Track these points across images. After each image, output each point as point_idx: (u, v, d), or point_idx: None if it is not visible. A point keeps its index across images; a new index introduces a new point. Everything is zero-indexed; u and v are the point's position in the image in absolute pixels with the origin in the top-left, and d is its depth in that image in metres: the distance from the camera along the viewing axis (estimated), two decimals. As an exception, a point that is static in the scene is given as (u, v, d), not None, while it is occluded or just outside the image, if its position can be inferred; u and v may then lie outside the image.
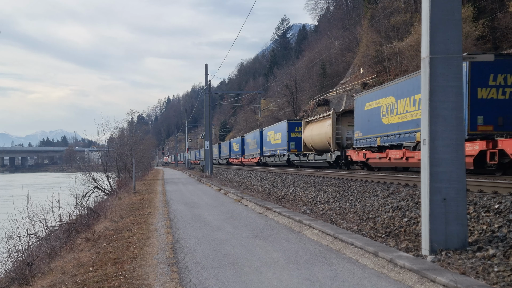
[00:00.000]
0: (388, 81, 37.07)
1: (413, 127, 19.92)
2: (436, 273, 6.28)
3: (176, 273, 7.47)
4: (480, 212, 9.02)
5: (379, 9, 52.68)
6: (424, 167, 7.71)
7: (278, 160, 43.81)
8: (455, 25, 7.67)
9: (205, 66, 43.21)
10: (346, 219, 12.09)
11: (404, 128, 20.85)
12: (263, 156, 49.54)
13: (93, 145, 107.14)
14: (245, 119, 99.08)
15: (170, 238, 10.69)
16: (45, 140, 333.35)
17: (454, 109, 7.61)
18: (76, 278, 7.84)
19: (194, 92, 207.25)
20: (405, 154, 20.79)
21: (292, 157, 40.18)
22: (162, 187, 29.48)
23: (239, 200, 18.68)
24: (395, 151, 21.78)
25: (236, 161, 65.02)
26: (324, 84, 66.68)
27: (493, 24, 37.94)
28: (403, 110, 21.04)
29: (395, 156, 21.79)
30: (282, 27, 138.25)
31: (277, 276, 7.16)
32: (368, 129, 25.16)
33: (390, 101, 22.43)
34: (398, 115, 21.55)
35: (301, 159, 37.80)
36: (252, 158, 53.70)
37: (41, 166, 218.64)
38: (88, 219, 17.09)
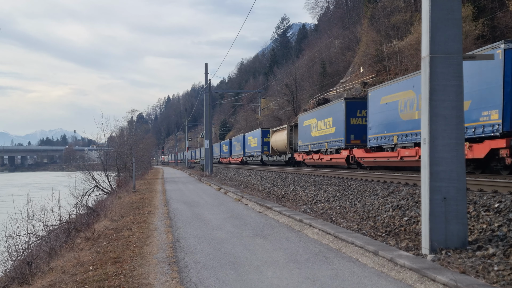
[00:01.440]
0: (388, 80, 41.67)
1: (325, 140, 31.53)
2: (436, 272, 6.29)
3: (176, 272, 7.48)
4: (480, 211, 9.02)
5: (379, 8, 52.66)
6: (424, 166, 7.71)
7: (255, 159, 53.57)
8: (455, 24, 7.67)
9: (205, 65, 43.23)
10: (346, 218, 12.10)
11: (321, 140, 32.46)
12: (245, 156, 58.98)
13: (93, 144, 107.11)
14: (245, 118, 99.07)
15: (170, 237, 10.69)
16: (45, 139, 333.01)
17: (454, 108, 7.61)
18: (76, 277, 7.84)
19: (194, 91, 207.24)
20: (320, 156, 32.61)
21: (263, 157, 50.06)
22: (162, 186, 29.48)
23: (239, 199, 18.68)
24: (316, 154, 33.53)
25: (225, 160, 74.65)
26: (324, 83, 66.66)
27: (493, 23, 37.92)
28: (320, 128, 32.73)
29: (317, 157, 33.32)
30: (282, 26, 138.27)
31: (277, 275, 7.16)
32: (304, 139, 36.61)
33: (314, 121, 34.23)
34: (318, 131, 33.32)
35: (269, 159, 48.33)
36: (238, 158, 63.76)
37: (41, 165, 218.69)
38: (88, 218, 17.10)
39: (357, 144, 27.62)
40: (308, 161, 35.73)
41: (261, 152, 50.15)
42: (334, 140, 29.71)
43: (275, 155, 46.06)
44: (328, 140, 30.86)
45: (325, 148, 31.32)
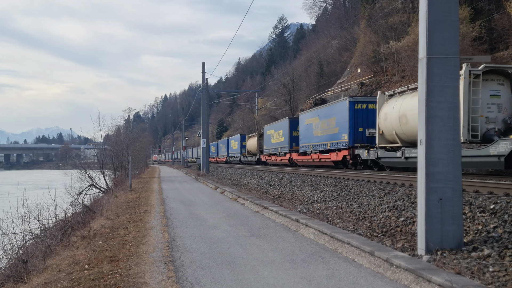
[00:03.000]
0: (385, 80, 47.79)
1: (278, 146, 42.81)
2: (432, 272, 6.30)
3: (172, 271, 7.47)
4: (475, 213, 9.05)
5: (377, 9, 52.73)
6: (420, 167, 7.73)
7: (236, 159, 63.74)
8: (452, 25, 7.69)
9: (202, 64, 43.16)
10: (342, 218, 12.11)
11: (276, 146, 43.56)
12: (228, 156, 69.37)
13: (89, 143, 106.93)
14: (242, 118, 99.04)
15: (167, 236, 10.69)
16: (41, 137, 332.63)
17: (451, 110, 7.63)
18: (71, 275, 7.83)
19: (191, 90, 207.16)
20: (275, 157, 44.40)
21: (242, 158, 60.00)
22: (159, 185, 29.45)
23: (235, 198, 18.69)
24: (274, 156, 45.12)
25: (213, 160, 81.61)
26: (321, 83, 66.73)
27: (490, 25, 38.05)
28: (275, 137, 43.82)
29: (274, 158, 45.11)
30: (280, 26, 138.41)
31: (273, 275, 7.17)
32: (267, 144, 47.56)
33: (272, 132, 45.35)
34: (274, 139, 44.13)
35: (245, 159, 58.75)
36: (223, 158, 74.46)
37: (37, 163, 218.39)
38: (84, 217, 17.07)
39: (296, 150, 37.94)
40: (269, 161, 47.37)
41: (240, 154, 60.26)
42: (283, 146, 41.32)
43: (249, 156, 57.11)
44: (280, 146, 42.35)
45: (279, 152, 42.99)
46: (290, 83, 76.60)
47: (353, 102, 27.07)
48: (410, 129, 20.07)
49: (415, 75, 33.30)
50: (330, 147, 29.74)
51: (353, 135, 26.65)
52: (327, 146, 30.22)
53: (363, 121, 26.58)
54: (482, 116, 16.83)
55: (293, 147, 38.43)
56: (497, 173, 18.19)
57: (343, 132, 27.45)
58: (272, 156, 45.39)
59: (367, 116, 26.40)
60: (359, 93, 50.17)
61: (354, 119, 26.74)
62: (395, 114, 21.28)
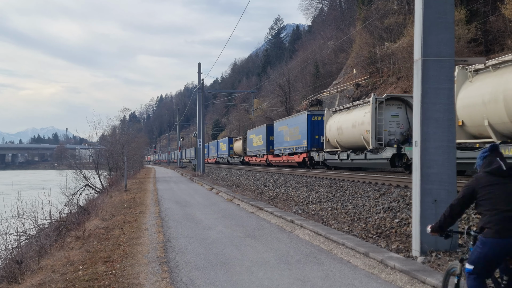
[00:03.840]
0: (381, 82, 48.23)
1: (258, 148, 49.30)
2: (426, 274, 6.32)
3: (167, 272, 7.46)
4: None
5: (373, 10, 52.80)
6: (415, 168, 7.74)
7: (224, 160, 69.85)
8: (447, 27, 7.70)
9: (198, 65, 43.19)
10: (337, 219, 12.12)
11: (256, 148, 50.24)
12: (218, 157, 74.53)
13: (85, 143, 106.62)
14: (238, 118, 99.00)
15: (161, 237, 10.67)
16: (36, 137, 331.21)
17: (446, 111, 7.64)
18: (66, 276, 7.80)
19: (187, 91, 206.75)
20: (256, 159, 50.50)
21: (229, 158, 66.17)
22: (154, 185, 29.41)
23: (231, 199, 18.68)
24: (254, 157, 51.34)
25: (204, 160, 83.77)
26: (317, 84, 66.77)
27: (485, 27, 38.13)
28: (256, 141, 50.21)
29: (254, 159, 51.45)
30: (276, 27, 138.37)
31: (268, 276, 7.16)
32: (250, 147, 53.89)
33: (254, 136, 51.74)
34: (255, 143, 50.81)
35: (232, 159, 64.77)
36: (213, 159, 79.20)
37: (32, 163, 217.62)
38: (79, 217, 17.00)
39: (271, 152, 44.08)
40: (251, 161, 53.40)
41: (228, 155, 66.39)
42: (262, 149, 47.56)
43: (235, 157, 62.85)
44: (259, 149, 48.59)
45: (258, 154, 49.32)
46: (286, 84, 76.64)
47: (310, 115, 34.07)
48: (345, 138, 26.81)
49: (411, 77, 33.39)
50: (295, 151, 36.19)
51: (310, 141, 33.20)
52: (293, 150, 36.75)
53: (319, 130, 32.22)
54: (386, 130, 23.57)
55: (270, 150, 44.64)
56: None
57: (303, 138, 34.06)
58: (253, 157, 51.94)
59: (322, 126, 31.04)
60: (355, 94, 50.22)
61: (311, 128, 33.21)
62: (335, 126, 27.80)
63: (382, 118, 23.31)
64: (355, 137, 25.32)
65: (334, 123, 28.05)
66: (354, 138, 25.50)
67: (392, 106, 23.90)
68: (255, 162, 50.75)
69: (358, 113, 25.26)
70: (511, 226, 4.23)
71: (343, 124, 26.70)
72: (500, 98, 14.91)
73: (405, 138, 23.35)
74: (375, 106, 23.33)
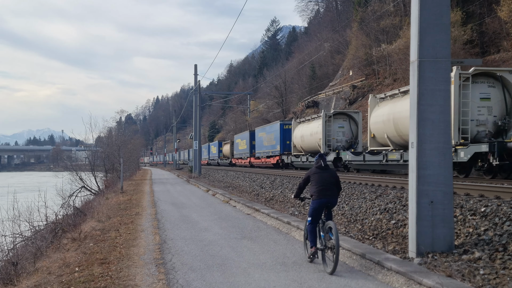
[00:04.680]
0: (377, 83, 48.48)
1: (243, 151, 53.49)
2: (423, 275, 6.32)
3: (163, 274, 7.44)
4: (466, 215, 9.07)
5: (369, 12, 52.92)
6: (412, 169, 7.74)
7: (215, 161, 74.34)
8: (443, 29, 7.71)
9: (194, 67, 43.10)
10: (334, 221, 12.11)
11: (241, 151, 54.85)
12: (209, 159, 78.85)
13: (81, 145, 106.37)
14: (235, 120, 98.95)
15: (158, 238, 10.65)
16: (32, 139, 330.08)
17: (442, 113, 7.65)
18: (62, 278, 7.78)
19: (183, 92, 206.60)
20: (241, 161, 55.07)
21: (219, 160, 70.42)
22: (150, 187, 29.36)
23: (227, 201, 18.66)
24: (240, 159, 56.06)
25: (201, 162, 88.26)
26: (313, 86, 66.85)
27: (481, 29, 38.27)
28: (241, 145, 55.03)
29: (240, 161, 56.13)
30: (272, 29, 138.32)
31: (264, 277, 7.16)
32: (236, 150, 59.02)
33: (239, 140, 56.75)
34: (240, 146, 55.73)
35: (222, 161, 69.22)
36: (204, 161, 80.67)
37: (28, 165, 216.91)
38: (75, 219, 16.97)
39: (253, 155, 48.96)
40: (237, 163, 58.48)
41: (218, 157, 70.86)
42: (246, 152, 52.37)
43: (224, 159, 67.87)
44: (244, 152, 53.49)
45: (243, 156, 54.09)
46: (282, 85, 76.73)
47: (282, 124, 40.48)
48: (306, 144, 33.10)
49: (407, 78, 33.49)
50: (271, 154, 42.45)
51: (282, 146, 39.46)
52: (270, 153, 42.86)
53: (289, 137, 38.23)
54: (334, 138, 29.59)
55: (252, 153, 49.82)
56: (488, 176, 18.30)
57: (277, 144, 40.31)
58: (239, 159, 57.42)
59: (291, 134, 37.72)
60: (351, 95, 50.35)
61: (283, 135, 39.38)
62: (299, 134, 34.36)
63: (331, 129, 29.61)
64: (313, 143, 31.74)
65: (299, 131, 34.83)
66: (312, 144, 31.89)
67: (338, 119, 30.09)
68: (241, 164, 56.30)
69: (314, 125, 31.57)
70: (322, 194, 8.02)
71: (304, 133, 33.35)
72: (391, 119, 21.68)
73: (349, 144, 29.46)
74: (325, 119, 29.54)
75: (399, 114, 20.76)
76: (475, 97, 17.25)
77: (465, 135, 17.10)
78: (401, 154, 20.97)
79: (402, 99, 21.31)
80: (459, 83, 16.94)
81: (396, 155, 21.40)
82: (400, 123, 20.78)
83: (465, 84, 17.07)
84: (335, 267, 7.26)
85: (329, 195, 8.08)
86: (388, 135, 22.20)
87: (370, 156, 24.18)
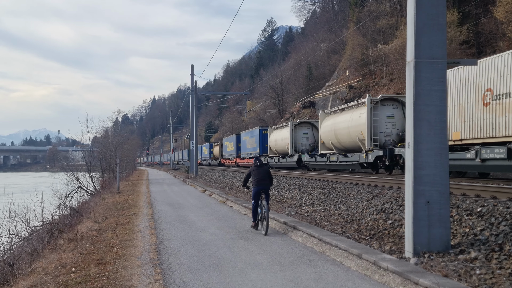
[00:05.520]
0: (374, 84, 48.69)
1: (231, 153, 59.12)
2: (419, 275, 6.33)
3: (159, 274, 7.44)
4: (462, 215, 9.10)
5: (365, 12, 52.92)
6: (408, 170, 7.76)
7: (206, 162, 79.40)
8: (440, 29, 7.73)
9: (191, 67, 43.11)
10: (330, 221, 12.13)
11: (229, 153, 59.85)
12: (201, 160, 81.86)
13: (77, 145, 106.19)
14: (231, 120, 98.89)
15: (154, 239, 10.64)
16: (28, 139, 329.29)
17: (438, 113, 7.67)
18: (58, 278, 7.76)
19: (179, 93, 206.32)
20: (228, 161, 60.68)
21: (210, 161, 75.88)
22: (147, 187, 29.33)
23: (224, 201, 18.66)
24: (228, 160, 61.22)
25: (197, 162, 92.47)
26: (310, 86, 66.84)
27: (477, 29, 38.31)
28: (229, 147, 60.50)
29: (228, 161, 61.47)
30: (269, 29, 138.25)
31: (261, 277, 7.16)
32: (225, 151, 63.77)
33: (227, 143, 61.89)
34: (228, 148, 60.89)
35: (212, 162, 74.35)
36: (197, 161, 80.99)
37: (24, 165, 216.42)
38: (71, 219, 16.92)
39: (239, 156, 54.37)
40: (225, 163, 63.64)
41: (209, 158, 76.60)
42: (232, 153, 57.73)
43: (214, 160, 73.28)
44: (231, 153, 58.63)
45: (230, 157, 59.28)
46: (279, 85, 76.67)
47: (262, 129, 46.50)
48: (278, 147, 39.01)
49: (403, 78, 33.52)
50: (252, 155, 46.68)
51: (261, 148, 45.03)
52: (251, 154, 47.89)
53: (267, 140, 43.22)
54: (299, 143, 35.23)
55: (238, 154, 55.13)
56: (483, 176, 18.34)
57: (257, 146, 46.08)
58: (227, 160, 63.06)
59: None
60: (348, 96, 50.33)
61: (263, 139, 45.04)
62: (274, 139, 40.56)
63: (297, 135, 35.32)
64: (283, 147, 37.45)
65: (273, 136, 40.88)
66: (283, 148, 37.64)
67: (303, 127, 35.71)
68: (228, 164, 62.32)
69: (284, 131, 37.13)
70: (259, 183, 11.51)
71: (277, 138, 39.29)
72: (333, 129, 28.06)
73: (312, 148, 34.69)
74: (292, 127, 35.33)
75: (338, 125, 27.26)
76: (383, 115, 23.32)
77: (375, 143, 23.20)
78: (337, 156, 27.84)
79: (341, 114, 27.73)
80: (370, 106, 23.11)
81: (335, 157, 28.27)
82: (338, 133, 27.26)
83: (375, 106, 23.24)
84: (267, 230, 10.98)
85: (263, 184, 11.68)
86: (332, 142, 28.50)
87: (320, 158, 30.84)
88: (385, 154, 22.56)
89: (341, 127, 26.64)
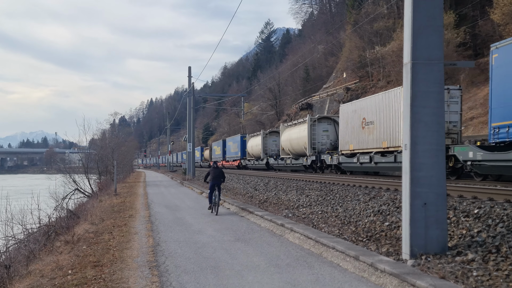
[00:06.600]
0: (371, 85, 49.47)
1: (219, 156, 64.05)
2: (416, 277, 6.32)
3: (156, 277, 7.42)
4: (459, 217, 9.10)
5: (363, 14, 53.04)
6: (405, 171, 7.75)
7: (198, 164, 78.87)
8: (436, 31, 7.74)
9: (188, 69, 43.08)
10: (327, 223, 12.12)
11: (218, 156, 65.34)
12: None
13: (74, 147, 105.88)
14: (228, 122, 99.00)
15: (151, 241, 10.62)
16: (25, 141, 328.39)
17: (435, 115, 7.67)
18: (54, 281, 7.74)
19: (177, 95, 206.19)
20: (223, 162, 60.32)
21: (201, 163, 78.11)
22: (144, 189, 29.29)
23: (221, 203, 18.62)
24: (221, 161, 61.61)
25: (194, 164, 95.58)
26: (307, 88, 66.95)
27: (474, 31, 38.45)
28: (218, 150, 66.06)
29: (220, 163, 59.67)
30: (266, 31, 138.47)
31: (258, 279, 7.15)
32: (213, 155, 68.95)
33: (216, 147, 69.19)
34: (217, 152, 67.16)
35: (203, 164, 77.04)
36: None
37: (21, 167, 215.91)
38: (68, 221, 16.89)
39: (225, 159, 60.26)
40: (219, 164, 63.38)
41: (200, 160, 79.21)
42: (220, 156, 62.83)
43: (205, 162, 77.26)
44: (219, 156, 63.63)
45: (218, 160, 62.36)
46: (276, 87, 76.82)
47: (242, 136, 53.30)
48: (254, 152, 46.03)
49: (400, 80, 33.51)
50: (235, 158, 55.01)
51: (242, 152, 51.68)
52: (234, 157, 55.14)
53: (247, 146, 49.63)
54: (269, 148, 42.49)
55: (224, 157, 61.37)
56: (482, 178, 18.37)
57: (239, 151, 52.92)
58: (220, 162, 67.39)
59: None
60: (345, 97, 50.39)
61: (243, 145, 51.09)
62: (250, 145, 47.31)
63: (267, 142, 42.73)
64: (257, 151, 44.71)
65: (250, 143, 48.12)
66: (257, 152, 44.95)
67: (273, 135, 42.59)
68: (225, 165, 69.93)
69: (257, 139, 44.73)
70: (213, 179, 16.46)
71: (253, 144, 46.54)
72: (288, 139, 35.59)
73: (278, 153, 40.25)
74: (263, 136, 42.82)
75: (291, 136, 35.18)
76: (320, 129, 31.22)
77: (314, 150, 30.87)
78: (291, 159, 35.73)
79: (293, 128, 35.74)
80: (310, 123, 30.93)
81: (289, 161, 36.14)
82: (292, 142, 34.88)
83: (314, 123, 31.08)
84: (217, 211, 15.62)
85: (217, 180, 16.42)
86: (288, 149, 36.13)
87: (281, 161, 38.60)
88: (317, 159, 30.52)
89: (294, 137, 34.76)
